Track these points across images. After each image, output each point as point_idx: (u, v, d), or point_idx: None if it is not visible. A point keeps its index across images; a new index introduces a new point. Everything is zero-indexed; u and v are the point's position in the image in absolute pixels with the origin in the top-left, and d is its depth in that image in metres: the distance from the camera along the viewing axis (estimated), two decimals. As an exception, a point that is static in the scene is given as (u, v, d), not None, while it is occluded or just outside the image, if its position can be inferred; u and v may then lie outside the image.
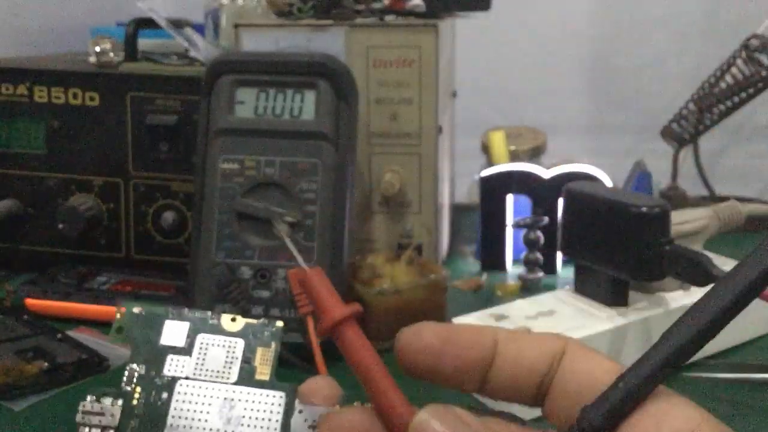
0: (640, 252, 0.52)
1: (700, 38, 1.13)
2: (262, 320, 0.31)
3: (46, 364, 0.57)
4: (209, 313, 0.31)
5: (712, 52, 0.96)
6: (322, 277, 0.28)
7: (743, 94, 0.89)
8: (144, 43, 0.82)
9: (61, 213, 0.75)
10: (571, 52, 1.18)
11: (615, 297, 0.56)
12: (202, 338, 0.31)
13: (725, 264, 0.62)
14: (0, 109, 0.77)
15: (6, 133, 0.77)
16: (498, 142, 0.86)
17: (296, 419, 0.29)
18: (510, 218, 0.78)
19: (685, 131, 0.94)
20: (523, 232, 0.76)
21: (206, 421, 0.29)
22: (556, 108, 1.15)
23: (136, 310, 0.32)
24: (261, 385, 0.30)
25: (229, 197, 0.60)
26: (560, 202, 0.62)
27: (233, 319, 0.31)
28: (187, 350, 0.31)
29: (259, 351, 0.31)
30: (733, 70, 0.89)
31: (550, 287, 0.69)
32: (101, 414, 0.29)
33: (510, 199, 0.78)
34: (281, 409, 0.30)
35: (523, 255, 0.76)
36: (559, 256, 0.77)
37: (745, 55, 0.88)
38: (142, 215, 0.75)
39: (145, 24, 0.81)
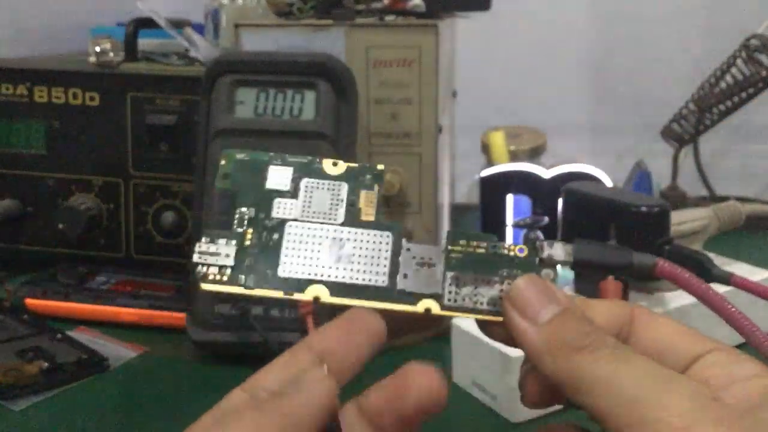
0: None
1: (701, 38, 1.13)
2: (363, 163, 0.32)
3: (46, 364, 0.57)
4: (310, 157, 0.32)
5: (712, 52, 0.96)
6: None
7: (743, 94, 0.89)
8: (144, 43, 0.82)
9: (61, 213, 0.75)
10: (571, 52, 1.18)
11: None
12: (306, 182, 0.31)
13: (725, 264, 0.62)
14: (0, 109, 0.77)
15: (6, 133, 0.77)
16: (498, 142, 0.86)
17: (404, 256, 0.30)
18: (510, 218, 0.78)
19: (685, 131, 0.94)
20: (523, 232, 0.76)
21: (318, 259, 0.30)
22: (556, 108, 1.15)
23: (239, 155, 0.32)
24: (368, 225, 0.31)
25: (230, 197, 0.60)
26: (560, 202, 0.62)
27: (335, 164, 0.32)
28: (292, 193, 0.31)
29: (363, 194, 0.32)
30: (733, 70, 0.89)
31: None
32: (217, 254, 0.30)
33: (510, 199, 0.78)
34: (389, 248, 0.30)
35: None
36: (559, 256, 0.77)
37: (745, 55, 0.88)
38: (142, 215, 0.75)
39: (145, 24, 0.81)
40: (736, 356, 0.27)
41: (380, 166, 0.32)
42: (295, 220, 0.31)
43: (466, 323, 0.55)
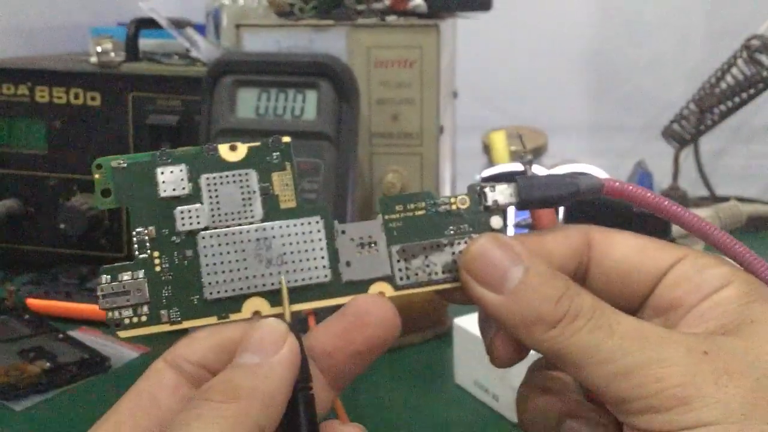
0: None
1: (701, 38, 1.13)
2: (265, 140, 0.27)
3: (47, 364, 0.57)
4: (204, 146, 0.27)
5: (712, 53, 0.96)
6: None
7: (744, 95, 0.89)
8: (145, 43, 0.82)
9: (63, 213, 0.75)
10: (571, 53, 1.18)
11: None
12: (206, 179, 0.27)
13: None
14: (1, 109, 0.77)
15: (7, 133, 0.77)
16: (499, 142, 0.86)
17: (341, 241, 0.27)
18: (510, 218, 0.78)
19: (685, 131, 0.94)
20: (522, 232, 0.76)
21: (246, 269, 0.26)
22: (556, 108, 1.15)
23: (115, 163, 0.27)
24: (291, 214, 0.27)
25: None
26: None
27: (233, 148, 0.27)
28: (194, 196, 0.26)
29: (275, 176, 0.27)
30: (734, 70, 0.89)
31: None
32: (126, 293, 0.26)
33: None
34: (323, 235, 0.27)
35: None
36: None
37: (745, 56, 0.88)
38: (144, 215, 0.75)
39: (147, 24, 0.81)
40: (701, 263, 0.26)
41: (285, 139, 0.28)
42: (206, 228, 0.26)
43: (467, 323, 0.55)
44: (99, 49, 0.78)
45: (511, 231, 0.79)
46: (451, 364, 0.57)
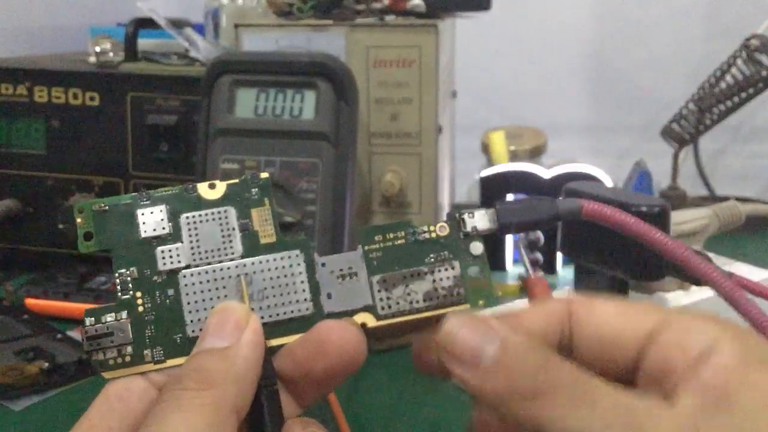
0: (640, 252, 0.52)
1: (700, 38, 1.13)
2: (243, 176, 0.28)
3: (46, 364, 0.57)
4: (179, 187, 0.28)
5: (712, 52, 0.96)
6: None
7: (743, 94, 0.89)
8: (144, 43, 0.82)
9: (62, 213, 0.75)
10: (571, 53, 1.18)
11: (615, 297, 0.56)
12: (186, 218, 0.27)
13: (725, 264, 0.62)
14: (0, 109, 0.77)
15: (6, 133, 0.77)
16: (498, 142, 0.86)
17: (321, 273, 0.27)
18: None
19: (685, 131, 0.94)
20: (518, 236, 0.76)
21: None
22: (556, 108, 1.15)
23: (96, 207, 0.27)
24: (271, 249, 0.27)
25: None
26: (560, 202, 0.62)
27: (212, 186, 0.28)
28: (174, 236, 0.27)
29: (254, 212, 0.28)
30: (734, 70, 0.89)
31: (551, 287, 0.69)
32: (110, 334, 0.26)
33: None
34: (303, 268, 0.27)
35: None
36: (559, 256, 0.77)
37: (745, 55, 0.88)
38: (142, 215, 0.75)
39: (145, 24, 0.81)
40: (685, 326, 0.25)
41: (264, 175, 0.28)
42: (188, 267, 0.27)
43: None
44: (98, 49, 0.78)
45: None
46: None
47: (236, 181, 0.28)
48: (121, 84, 0.75)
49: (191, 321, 0.26)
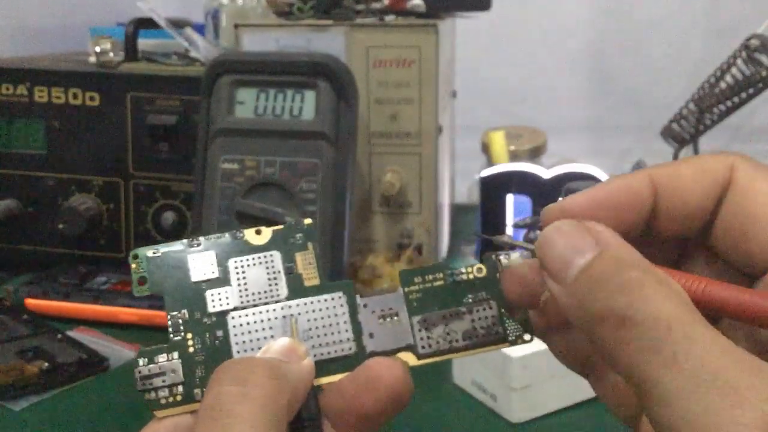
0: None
1: (700, 38, 1.13)
2: (288, 222, 0.29)
3: (46, 364, 0.57)
4: (232, 232, 0.29)
5: (712, 52, 0.96)
6: None
7: (743, 94, 0.89)
8: (144, 43, 0.82)
9: (62, 213, 0.75)
10: (571, 53, 1.18)
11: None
12: (234, 263, 0.28)
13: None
14: (0, 109, 0.77)
15: (6, 133, 0.77)
16: (498, 142, 0.86)
17: (363, 314, 0.28)
18: (510, 218, 0.78)
19: (685, 131, 0.94)
20: (523, 232, 0.76)
21: None
22: (556, 108, 1.15)
23: (150, 253, 0.29)
24: (315, 291, 0.28)
25: (229, 197, 0.60)
26: (560, 202, 0.62)
27: (258, 232, 0.29)
28: (223, 280, 0.28)
29: (299, 256, 0.29)
30: (733, 70, 0.89)
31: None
32: (162, 374, 0.27)
33: (510, 199, 0.78)
34: (345, 309, 0.28)
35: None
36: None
37: (745, 55, 0.88)
38: (142, 215, 0.75)
39: (145, 24, 0.81)
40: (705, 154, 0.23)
41: (307, 221, 0.29)
42: (236, 308, 0.28)
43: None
44: (98, 49, 0.78)
45: (510, 231, 0.79)
46: (449, 363, 0.57)
47: (281, 227, 0.29)
48: (121, 84, 0.75)
49: None
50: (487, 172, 0.79)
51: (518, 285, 0.27)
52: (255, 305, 0.28)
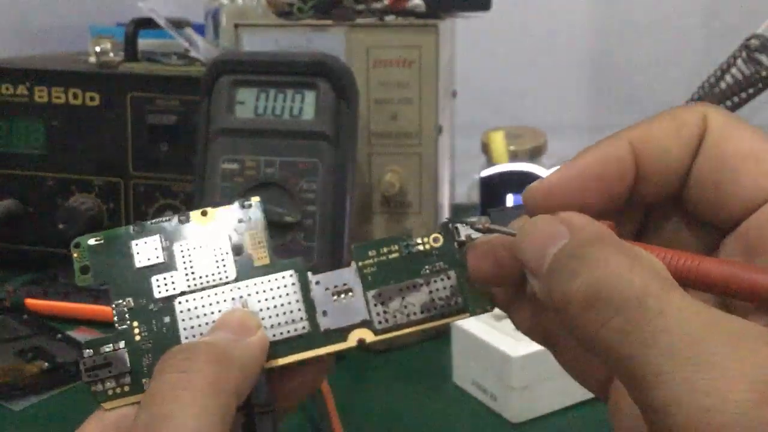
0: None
1: (700, 38, 1.13)
2: (236, 202, 0.28)
3: (46, 364, 0.57)
4: (175, 217, 0.28)
5: (712, 52, 0.96)
6: None
7: (743, 94, 0.89)
8: (144, 42, 0.82)
9: (61, 213, 0.75)
10: (571, 52, 1.18)
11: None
12: (179, 246, 0.27)
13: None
14: (0, 109, 0.77)
15: (6, 133, 0.77)
16: (498, 142, 0.86)
17: (317, 291, 0.27)
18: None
19: (685, 131, 0.94)
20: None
21: None
22: (556, 108, 1.15)
23: (93, 241, 0.27)
24: (265, 271, 0.27)
25: (229, 197, 0.60)
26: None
27: (204, 213, 0.28)
28: (169, 265, 0.27)
29: (247, 235, 0.28)
30: (734, 70, 0.89)
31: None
32: (108, 365, 0.26)
33: (510, 199, 0.78)
34: (297, 288, 0.27)
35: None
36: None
37: (745, 55, 0.88)
38: (142, 215, 0.75)
39: (145, 24, 0.81)
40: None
41: (255, 198, 0.28)
42: (183, 293, 0.27)
43: (466, 323, 0.55)
44: (98, 49, 0.78)
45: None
46: (449, 363, 0.57)
47: (228, 207, 0.28)
48: (121, 84, 0.75)
49: None
50: (487, 172, 0.79)
51: (485, 260, 0.25)
52: (203, 288, 0.27)
